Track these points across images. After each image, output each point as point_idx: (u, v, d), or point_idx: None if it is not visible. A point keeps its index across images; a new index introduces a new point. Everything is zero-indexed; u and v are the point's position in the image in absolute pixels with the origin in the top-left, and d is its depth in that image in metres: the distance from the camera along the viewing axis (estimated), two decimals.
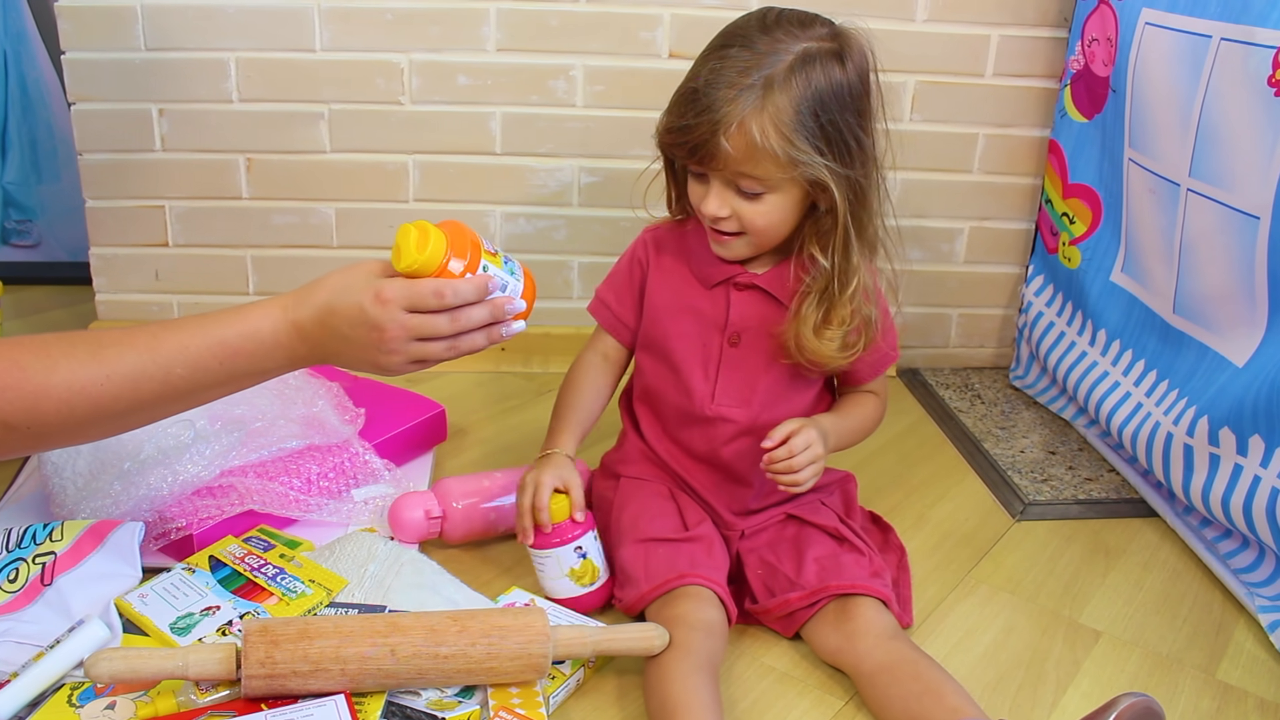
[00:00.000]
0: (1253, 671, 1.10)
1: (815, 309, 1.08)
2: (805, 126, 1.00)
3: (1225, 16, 1.20)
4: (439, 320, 0.94)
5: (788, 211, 1.05)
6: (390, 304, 0.92)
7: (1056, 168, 1.62)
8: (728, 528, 1.16)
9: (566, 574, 1.10)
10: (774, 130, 0.99)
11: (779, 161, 1.00)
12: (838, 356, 1.09)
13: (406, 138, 1.62)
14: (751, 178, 1.02)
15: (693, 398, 1.14)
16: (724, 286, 1.12)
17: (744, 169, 1.01)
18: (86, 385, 0.89)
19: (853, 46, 1.04)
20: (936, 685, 0.95)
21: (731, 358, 1.13)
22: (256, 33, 1.55)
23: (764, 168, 1.01)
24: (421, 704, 0.93)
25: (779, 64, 1.00)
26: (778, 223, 1.06)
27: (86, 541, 1.05)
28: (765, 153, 0.99)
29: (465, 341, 0.97)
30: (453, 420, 1.48)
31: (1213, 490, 1.21)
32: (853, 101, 1.03)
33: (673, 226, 1.18)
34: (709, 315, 1.13)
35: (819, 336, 1.08)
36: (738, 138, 0.99)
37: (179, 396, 0.94)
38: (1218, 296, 1.25)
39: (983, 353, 1.84)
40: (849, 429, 1.17)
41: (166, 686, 0.91)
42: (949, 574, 1.24)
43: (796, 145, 0.99)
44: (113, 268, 1.68)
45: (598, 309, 1.23)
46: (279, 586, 1.05)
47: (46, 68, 1.92)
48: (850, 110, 1.02)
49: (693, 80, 1.03)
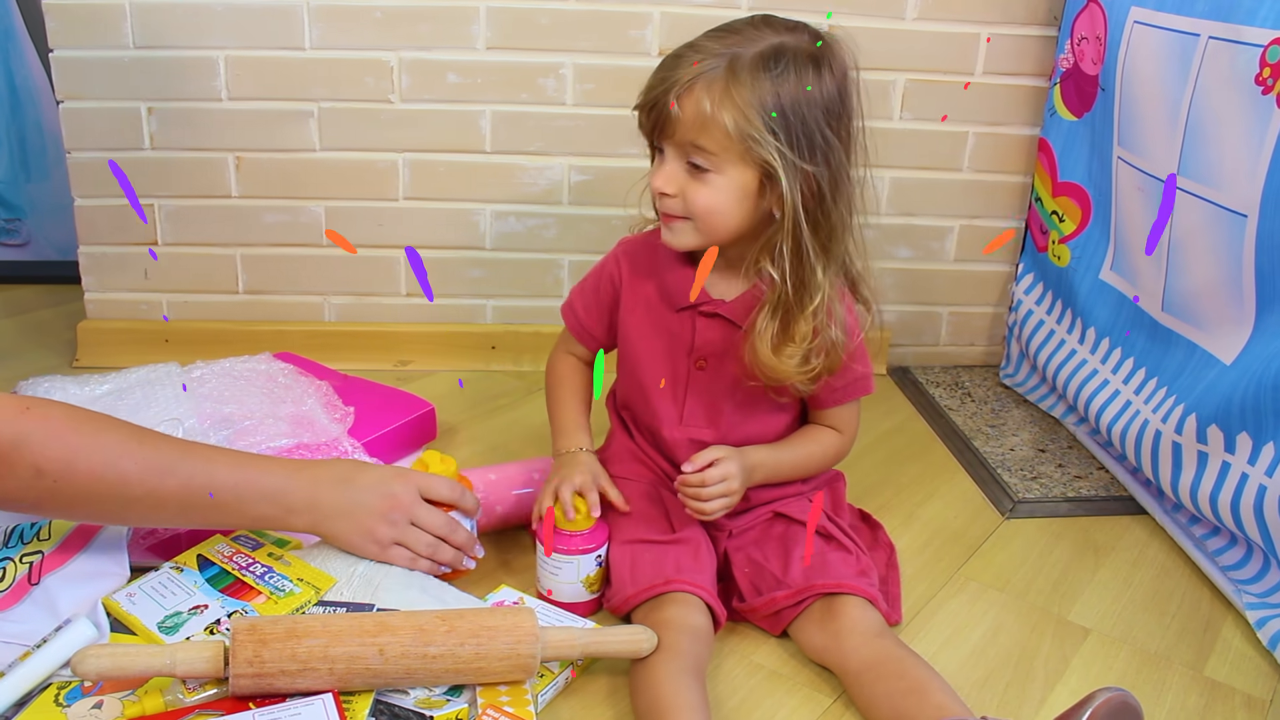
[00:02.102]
0: (1240, 668, 1.10)
1: (771, 321, 1.05)
2: (764, 107, 0.98)
3: (1213, 15, 1.20)
4: (437, 519, 1.07)
5: (731, 198, 1.02)
6: (409, 480, 1.08)
7: (1046, 166, 1.62)
8: (715, 527, 1.15)
9: (581, 580, 1.10)
10: (728, 101, 0.98)
11: (728, 133, 0.98)
12: (796, 375, 1.06)
13: (396, 136, 1.62)
14: (699, 148, 1.00)
15: (661, 418, 1.15)
16: (690, 312, 1.11)
17: (692, 136, 1.00)
18: (121, 458, 0.94)
19: (834, 56, 1.02)
20: (922, 683, 0.95)
21: (699, 380, 1.13)
22: (246, 31, 1.55)
23: (712, 138, 0.99)
24: (409, 702, 0.93)
25: (751, 48, 0.99)
26: (721, 208, 1.02)
27: (74, 540, 1.05)
28: (715, 122, 0.98)
29: (443, 550, 1.08)
30: (442, 419, 1.48)
31: (1201, 487, 1.21)
32: (823, 103, 1.00)
33: (646, 238, 1.17)
34: (678, 337, 1.13)
35: (777, 353, 1.05)
36: (690, 102, 0.99)
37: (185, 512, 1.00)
38: (1206, 294, 1.25)
39: (973, 351, 1.85)
40: (789, 463, 1.14)
41: (154, 685, 0.91)
42: (938, 571, 1.24)
43: (749, 120, 0.98)
44: (101, 267, 1.67)
45: (567, 314, 1.23)
46: (267, 585, 1.04)
47: (35, 66, 1.91)
48: (819, 109, 1.00)
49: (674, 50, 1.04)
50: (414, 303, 1.72)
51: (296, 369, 1.42)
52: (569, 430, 1.18)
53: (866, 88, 1.06)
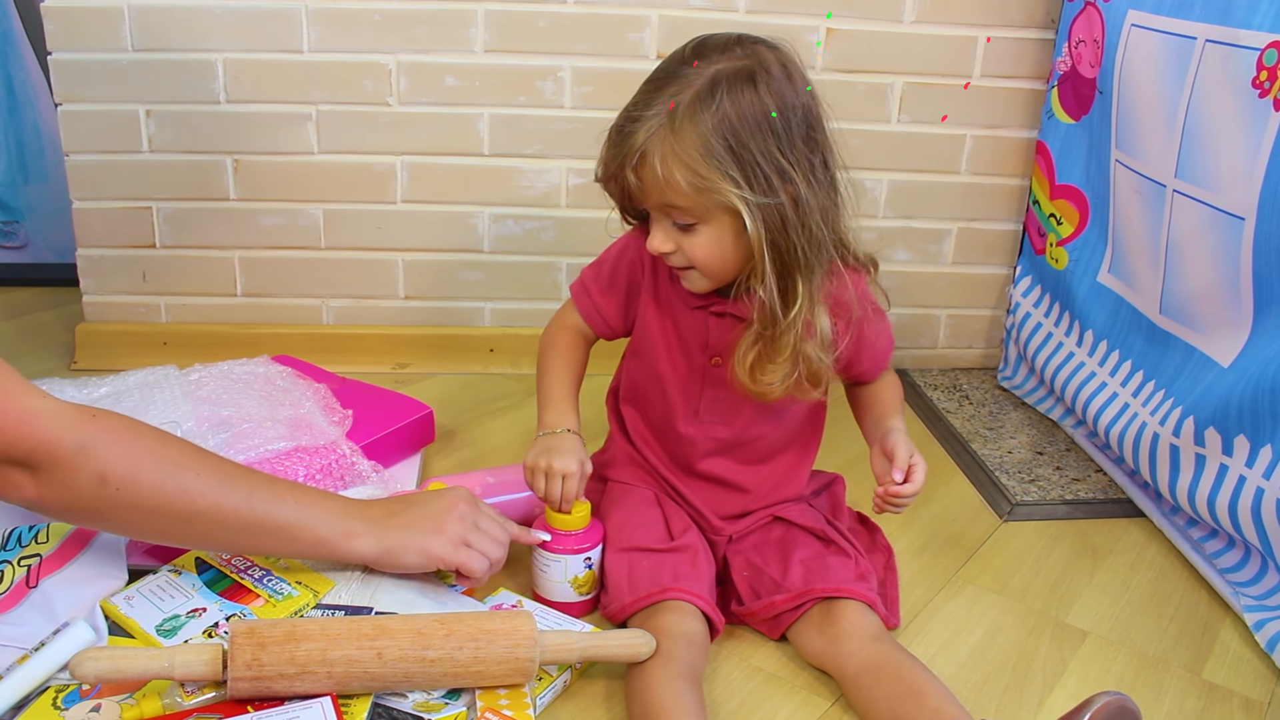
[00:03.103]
0: (1238, 671, 1.10)
1: (751, 349, 1.04)
2: (713, 154, 0.96)
3: (1210, 18, 1.20)
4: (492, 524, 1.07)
5: (726, 242, 1.01)
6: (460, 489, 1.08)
7: (1044, 169, 1.62)
8: (715, 532, 1.16)
9: (569, 580, 1.10)
10: (676, 160, 0.97)
11: (686, 192, 0.98)
12: (779, 389, 1.05)
13: (394, 139, 1.62)
14: (676, 208, 1.00)
15: (677, 414, 1.14)
16: (703, 311, 1.11)
17: (664, 200, 1.00)
18: (184, 470, 0.94)
19: (769, 66, 0.98)
20: (919, 686, 0.95)
21: (715, 376, 1.13)
22: (244, 33, 1.55)
23: (680, 197, 0.99)
24: (408, 705, 0.93)
25: (686, 92, 0.97)
26: (717, 254, 1.02)
27: (72, 544, 1.05)
28: (672, 184, 0.98)
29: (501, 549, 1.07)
30: (441, 421, 1.48)
31: (1199, 490, 1.21)
32: (766, 124, 0.97)
33: None
34: (694, 334, 1.13)
35: (754, 380, 1.05)
36: (644, 170, 0.99)
37: (246, 530, 0.98)
38: (1203, 297, 1.25)
39: (970, 353, 1.85)
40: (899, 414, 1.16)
41: (152, 688, 0.91)
42: (936, 574, 1.24)
43: (700, 174, 0.96)
44: (100, 269, 1.67)
45: (579, 294, 1.20)
46: (265, 588, 1.04)
47: (33, 68, 1.91)
48: (764, 133, 0.97)
49: (620, 115, 1.03)
50: (412, 305, 1.72)
51: (295, 372, 1.42)
52: (559, 406, 1.14)
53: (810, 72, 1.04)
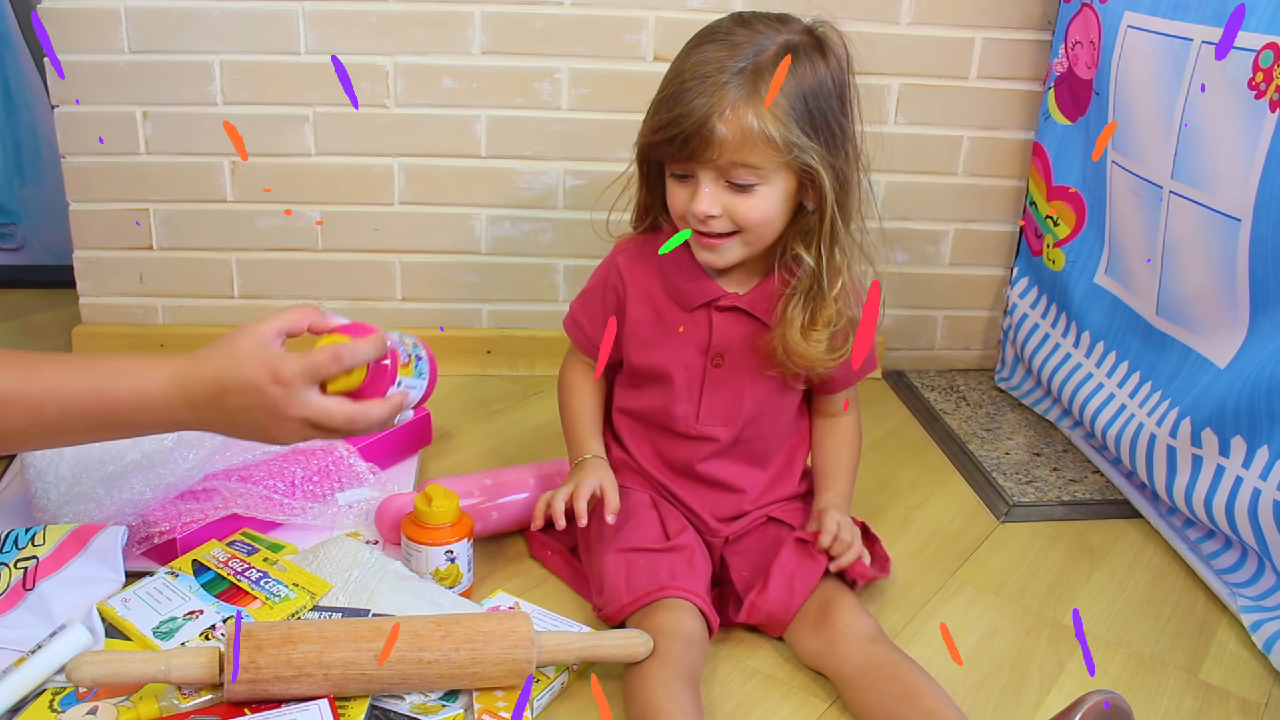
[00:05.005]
0: (1235, 672, 1.10)
1: (801, 310, 1.07)
2: (796, 111, 1.00)
3: (1206, 20, 1.21)
4: (336, 420, 0.88)
5: (779, 205, 1.04)
6: (290, 385, 0.86)
7: (1040, 170, 1.62)
8: (711, 534, 1.16)
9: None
10: (763, 116, 0.99)
11: (775, 145, 1.00)
12: (825, 359, 1.08)
13: (391, 140, 1.62)
14: (745, 166, 1.01)
15: (676, 418, 1.15)
16: (705, 310, 1.12)
17: (738, 157, 1.00)
18: None
19: (831, 42, 1.05)
20: (916, 688, 0.95)
21: (715, 377, 1.13)
22: (241, 35, 1.55)
23: (759, 154, 1.00)
24: (405, 707, 0.93)
25: (764, 53, 1.00)
26: (771, 216, 1.04)
27: (69, 546, 1.05)
28: (760, 137, 0.99)
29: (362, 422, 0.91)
30: (438, 423, 1.48)
31: (1195, 491, 1.22)
32: (837, 91, 1.04)
33: (644, 242, 1.16)
34: (691, 337, 1.13)
35: (806, 338, 1.07)
36: (732, 123, 0.99)
37: (47, 433, 0.89)
38: (1200, 298, 1.25)
39: (968, 355, 1.85)
40: (849, 481, 1.19)
41: (149, 691, 0.91)
42: (934, 575, 1.24)
43: (790, 129, 1.00)
44: (96, 271, 1.67)
45: (571, 328, 1.22)
46: (262, 590, 1.04)
47: (30, 70, 1.91)
48: (835, 98, 1.04)
49: (676, 78, 1.03)
50: (409, 307, 1.72)
51: None
52: (579, 440, 1.19)
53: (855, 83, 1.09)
